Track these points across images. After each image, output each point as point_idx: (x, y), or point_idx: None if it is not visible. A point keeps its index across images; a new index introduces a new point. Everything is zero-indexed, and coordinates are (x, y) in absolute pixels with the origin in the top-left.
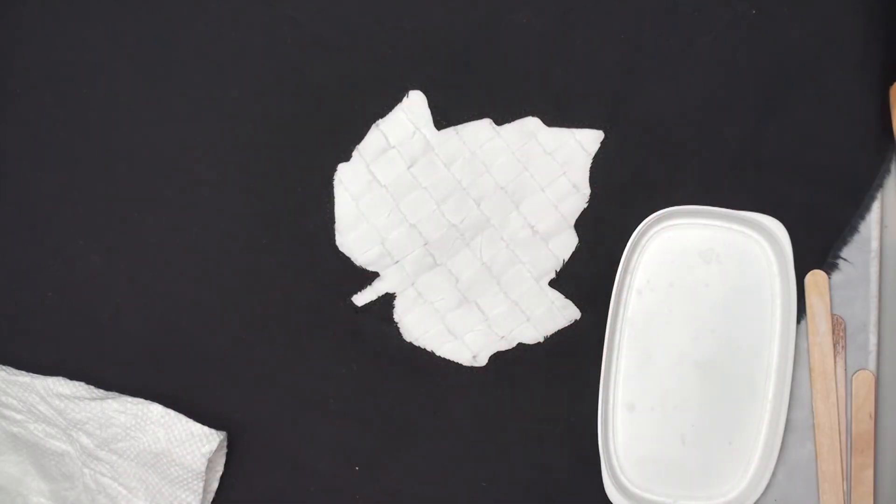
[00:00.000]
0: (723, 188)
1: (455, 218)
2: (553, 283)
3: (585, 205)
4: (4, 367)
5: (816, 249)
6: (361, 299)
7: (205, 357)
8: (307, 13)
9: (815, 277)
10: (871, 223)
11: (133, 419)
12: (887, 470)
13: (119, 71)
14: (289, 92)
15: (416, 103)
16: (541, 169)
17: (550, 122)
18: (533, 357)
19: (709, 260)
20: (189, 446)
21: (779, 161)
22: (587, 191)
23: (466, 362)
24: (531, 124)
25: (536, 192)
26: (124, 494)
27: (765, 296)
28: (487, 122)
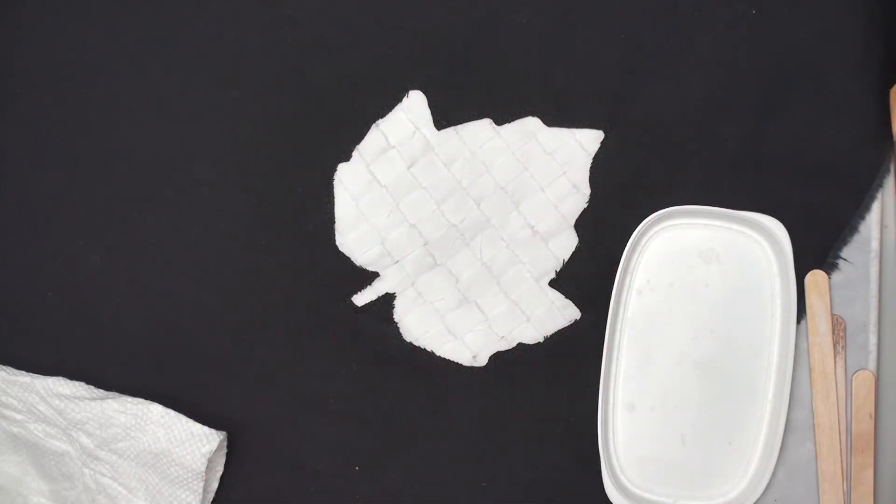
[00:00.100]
0: (723, 188)
1: (455, 218)
2: (553, 283)
3: (585, 205)
4: (4, 367)
5: (816, 249)
6: (361, 299)
7: (205, 357)
8: (307, 13)
9: (815, 277)
10: (871, 223)
11: (133, 419)
12: (887, 470)
13: (119, 71)
14: (289, 92)
15: (416, 103)
16: (541, 169)
17: (550, 122)
18: (533, 357)
19: (709, 260)
20: (189, 446)
21: (779, 161)
22: (587, 191)
23: (466, 362)
24: (531, 124)
25: (536, 192)
26: (124, 494)
27: (765, 296)
28: (487, 122)
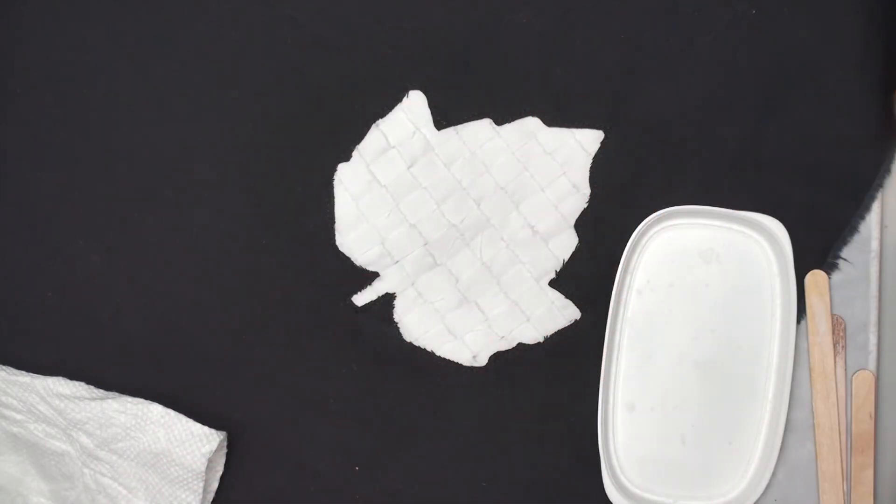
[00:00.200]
0: (723, 188)
1: (455, 218)
2: (553, 283)
3: (585, 205)
4: (4, 367)
5: (816, 249)
6: (361, 299)
7: (205, 357)
8: (307, 13)
9: (815, 277)
10: (871, 223)
11: (133, 419)
12: (887, 470)
13: (119, 71)
14: (289, 92)
15: (416, 103)
16: (541, 169)
17: (550, 122)
18: (533, 357)
19: (709, 260)
20: (189, 446)
21: (779, 161)
22: (587, 191)
23: (466, 362)
24: (531, 124)
25: (536, 192)
26: (124, 494)
27: (765, 296)
28: (487, 122)
